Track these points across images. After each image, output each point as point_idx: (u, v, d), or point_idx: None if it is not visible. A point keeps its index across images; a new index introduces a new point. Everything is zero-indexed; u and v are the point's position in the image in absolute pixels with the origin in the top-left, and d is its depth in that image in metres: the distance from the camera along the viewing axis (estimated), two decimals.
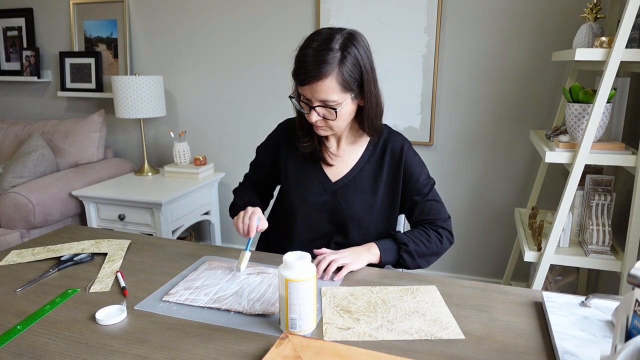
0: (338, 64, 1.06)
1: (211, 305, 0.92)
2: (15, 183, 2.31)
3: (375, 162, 1.26)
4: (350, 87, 1.10)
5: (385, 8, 2.29)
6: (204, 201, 2.59)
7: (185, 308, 0.92)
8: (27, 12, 2.98)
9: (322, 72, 1.05)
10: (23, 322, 0.87)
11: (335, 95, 1.08)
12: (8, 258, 1.17)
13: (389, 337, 0.82)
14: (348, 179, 1.25)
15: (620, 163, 1.52)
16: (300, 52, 1.10)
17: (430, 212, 1.25)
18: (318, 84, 1.07)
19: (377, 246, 1.17)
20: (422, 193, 1.25)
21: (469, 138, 2.33)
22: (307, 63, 1.07)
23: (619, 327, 0.63)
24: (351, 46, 1.09)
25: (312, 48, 1.08)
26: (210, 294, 0.96)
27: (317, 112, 1.12)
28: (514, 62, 2.19)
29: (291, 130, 1.30)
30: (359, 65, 1.10)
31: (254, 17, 2.53)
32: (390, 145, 1.26)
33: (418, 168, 1.26)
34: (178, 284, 1.01)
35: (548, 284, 1.94)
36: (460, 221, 2.42)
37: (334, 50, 1.07)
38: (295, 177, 1.28)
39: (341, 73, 1.07)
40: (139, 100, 2.48)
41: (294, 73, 1.11)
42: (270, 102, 2.61)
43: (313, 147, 1.25)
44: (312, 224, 1.27)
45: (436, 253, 1.23)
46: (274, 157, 1.33)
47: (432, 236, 1.22)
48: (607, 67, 1.44)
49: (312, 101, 1.11)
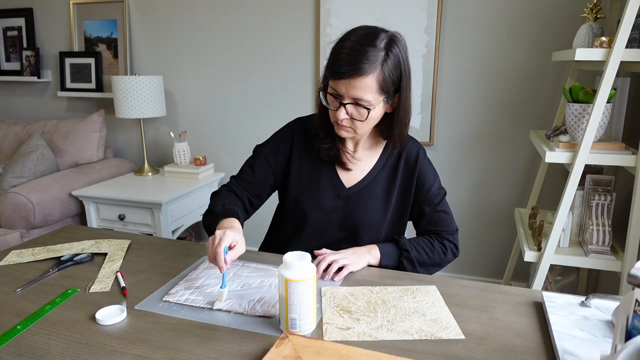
0: (381, 63, 1.01)
1: (212, 306, 0.92)
2: (15, 183, 2.30)
3: (390, 169, 1.22)
4: (387, 89, 1.05)
5: (385, 8, 2.29)
6: (204, 201, 2.59)
7: (186, 308, 0.92)
8: (27, 12, 2.98)
9: (364, 68, 1.00)
10: (23, 322, 0.87)
11: (370, 95, 1.03)
12: (8, 258, 1.17)
13: (389, 337, 0.82)
14: (362, 185, 1.21)
15: (620, 163, 1.52)
16: (340, 44, 1.03)
17: (438, 223, 1.23)
18: (357, 80, 1.01)
19: (378, 249, 1.16)
20: (433, 203, 1.23)
21: (469, 138, 2.33)
22: (349, 56, 1.00)
23: (619, 327, 0.63)
24: (395, 47, 1.04)
25: (354, 41, 1.02)
26: (211, 295, 0.96)
27: (346, 109, 1.05)
28: (514, 62, 2.19)
29: (306, 130, 1.24)
30: (399, 68, 1.05)
31: (254, 17, 2.53)
32: (406, 152, 1.22)
33: (431, 177, 1.23)
34: (178, 283, 1.01)
35: (548, 284, 1.94)
36: (460, 221, 2.41)
37: (379, 48, 1.01)
38: (308, 181, 1.22)
39: (383, 73, 1.02)
40: (139, 100, 2.48)
41: (330, 65, 1.04)
42: (270, 102, 2.61)
43: (335, 150, 1.19)
44: (321, 229, 1.22)
45: (438, 264, 1.22)
46: (284, 157, 1.24)
47: (437, 247, 1.21)
48: (607, 67, 1.44)
49: (344, 97, 1.04)
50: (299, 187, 1.23)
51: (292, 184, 1.24)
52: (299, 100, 2.55)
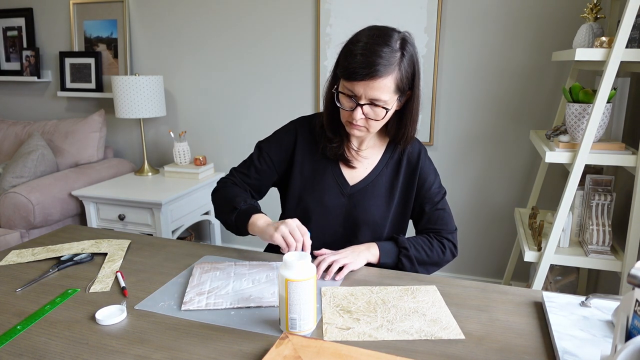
0: (398, 63, 1.03)
1: (238, 305, 0.92)
2: (15, 183, 2.31)
3: (393, 167, 1.24)
4: (403, 88, 1.07)
5: (385, 8, 2.29)
6: (204, 201, 2.59)
7: (185, 309, 0.92)
8: (27, 12, 2.98)
9: (382, 69, 1.00)
10: (23, 322, 0.87)
11: (387, 95, 1.04)
12: (8, 258, 1.17)
13: (389, 337, 0.82)
14: (366, 183, 1.22)
15: (620, 163, 1.52)
16: (353, 45, 1.04)
17: (437, 221, 1.24)
18: (376, 81, 1.01)
19: (377, 247, 1.17)
20: (433, 202, 1.24)
21: (469, 138, 2.33)
22: (366, 57, 1.00)
23: (619, 327, 0.63)
24: (409, 45, 1.06)
25: (368, 43, 1.02)
26: (229, 296, 0.95)
27: (362, 110, 1.06)
28: (514, 62, 2.19)
29: (310, 128, 1.24)
30: (413, 66, 1.07)
31: (254, 17, 2.53)
32: (408, 151, 1.24)
33: (432, 176, 1.25)
34: (187, 291, 0.98)
35: (548, 284, 1.94)
36: (460, 221, 2.42)
37: (394, 49, 1.02)
38: (312, 178, 1.23)
39: (400, 73, 1.04)
40: (139, 100, 2.48)
41: (346, 67, 1.03)
42: (270, 102, 2.61)
43: (342, 148, 1.20)
44: (325, 226, 1.23)
45: (437, 263, 1.22)
46: (287, 154, 1.24)
47: (435, 246, 1.22)
48: (607, 67, 1.44)
49: (361, 98, 1.05)
50: (302, 185, 1.24)
51: (295, 181, 1.24)
52: (299, 100, 2.55)
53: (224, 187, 1.25)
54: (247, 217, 1.12)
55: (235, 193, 1.21)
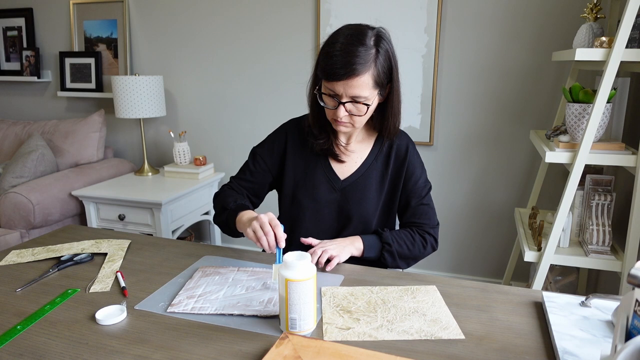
0: (374, 60, 1.07)
1: (222, 312, 0.90)
2: (15, 183, 2.30)
3: (382, 160, 1.27)
4: (381, 83, 1.11)
5: (385, 8, 2.29)
6: (204, 201, 2.59)
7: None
8: (27, 12, 2.98)
9: (359, 68, 1.05)
10: (23, 322, 0.87)
11: (367, 91, 1.08)
12: (8, 258, 1.17)
13: (389, 337, 0.82)
14: (356, 176, 1.26)
15: (620, 163, 1.52)
16: (331, 48, 1.08)
17: (421, 216, 1.27)
18: (354, 80, 1.06)
19: (361, 241, 1.19)
20: (419, 196, 1.27)
21: (469, 138, 2.33)
22: (342, 57, 1.05)
23: (619, 327, 0.63)
24: (383, 42, 1.09)
25: (344, 43, 1.06)
26: (217, 301, 0.94)
27: (345, 108, 1.11)
28: (514, 62, 2.19)
29: (299, 129, 1.29)
30: (389, 61, 1.11)
31: (254, 17, 2.53)
32: (396, 144, 1.27)
33: (419, 170, 1.28)
34: (179, 293, 0.98)
35: (548, 284, 1.94)
36: (460, 221, 2.42)
37: (369, 46, 1.06)
38: (303, 176, 1.27)
39: (377, 69, 1.07)
40: (139, 100, 2.48)
41: (325, 68, 1.08)
42: (270, 101, 2.61)
43: (328, 144, 1.24)
44: (319, 221, 1.27)
45: (417, 257, 1.26)
46: (279, 155, 1.30)
47: (417, 240, 1.24)
48: (607, 67, 1.44)
49: (342, 96, 1.09)
50: (294, 183, 1.28)
51: (288, 181, 1.29)
52: (299, 100, 2.55)
53: (221, 193, 1.30)
54: (235, 215, 1.16)
55: (228, 195, 1.26)
